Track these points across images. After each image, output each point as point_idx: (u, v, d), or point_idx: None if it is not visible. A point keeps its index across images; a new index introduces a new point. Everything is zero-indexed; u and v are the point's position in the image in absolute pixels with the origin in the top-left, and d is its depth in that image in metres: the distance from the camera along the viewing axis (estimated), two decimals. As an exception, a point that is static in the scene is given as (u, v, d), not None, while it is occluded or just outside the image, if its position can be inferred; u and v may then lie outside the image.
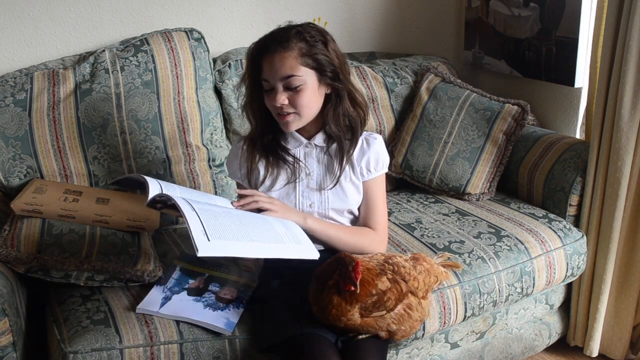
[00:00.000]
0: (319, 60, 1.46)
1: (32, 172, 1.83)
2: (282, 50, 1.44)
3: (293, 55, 1.44)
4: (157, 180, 1.45)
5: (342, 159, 1.54)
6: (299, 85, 1.45)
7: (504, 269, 1.75)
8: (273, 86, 1.46)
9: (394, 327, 1.40)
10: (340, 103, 1.52)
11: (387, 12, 2.55)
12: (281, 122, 1.50)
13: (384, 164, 1.62)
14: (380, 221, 1.61)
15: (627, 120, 1.81)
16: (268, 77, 1.45)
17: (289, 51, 1.44)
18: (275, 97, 1.45)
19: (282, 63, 1.43)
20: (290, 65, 1.43)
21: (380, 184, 1.63)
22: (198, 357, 1.42)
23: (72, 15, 2.05)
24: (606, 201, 1.90)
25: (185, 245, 1.84)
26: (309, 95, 1.47)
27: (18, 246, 1.46)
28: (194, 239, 1.20)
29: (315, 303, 1.37)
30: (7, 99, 1.82)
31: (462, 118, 2.17)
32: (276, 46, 1.44)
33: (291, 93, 1.45)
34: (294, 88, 1.45)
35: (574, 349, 2.11)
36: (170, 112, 1.96)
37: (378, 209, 1.62)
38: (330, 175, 1.57)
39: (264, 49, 1.46)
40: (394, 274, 1.40)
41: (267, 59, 1.45)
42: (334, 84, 1.50)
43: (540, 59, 2.28)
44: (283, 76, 1.44)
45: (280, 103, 1.45)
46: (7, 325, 1.34)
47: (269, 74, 1.45)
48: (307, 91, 1.46)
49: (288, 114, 1.47)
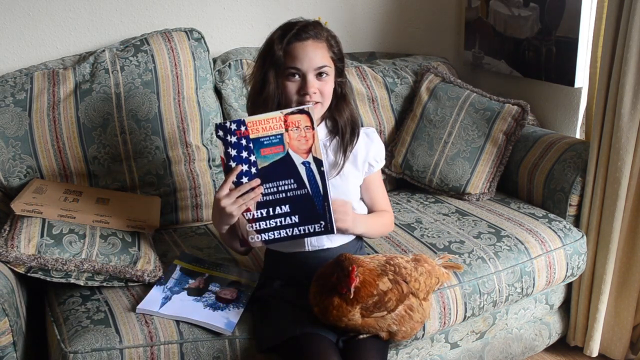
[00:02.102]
0: (338, 55, 1.52)
1: (32, 172, 1.83)
2: (316, 40, 1.46)
3: (325, 47, 1.48)
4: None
5: (346, 150, 1.55)
6: (327, 76, 1.48)
7: (504, 269, 1.75)
8: (304, 74, 1.45)
9: (395, 328, 1.40)
10: (345, 98, 1.56)
11: (387, 12, 2.55)
12: None
13: (383, 154, 1.66)
14: (387, 203, 1.68)
15: (627, 120, 1.81)
16: (300, 65, 1.45)
17: (322, 42, 1.47)
18: (308, 84, 1.45)
19: (316, 52, 1.45)
20: (323, 55, 1.46)
21: (379, 173, 1.68)
22: (198, 357, 1.42)
23: (72, 15, 2.05)
24: (606, 201, 1.90)
25: (185, 245, 1.84)
26: (331, 86, 1.50)
27: (18, 246, 1.46)
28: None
29: (316, 304, 1.37)
30: (7, 99, 1.82)
31: (462, 118, 2.17)
32: (309, 35, 1.46)
33: (320, 83, 1.47)
34: (323, 78, 1.47)
35: (574, 349, 2.11)
36: (170, 112, 1.96)
37: (384, 194, 1.68)
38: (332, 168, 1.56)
39: (294, 37, 1.46)
40: (395, 275, 1.40)
41: (299, 47, 1.45)
42: (341, 79, 1.54)
43: (540, 59, 2.28)
44: (318, 65, 1.45)
45: (314, 90, 1.45)
46: (7, 325, 1.34)
47: (301, 62, 1.45)
48: (330, 82, 1.49)
49: (315, 103, 1.47)
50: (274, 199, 1.42)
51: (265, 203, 1.42)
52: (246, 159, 1.40)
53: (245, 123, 1.39)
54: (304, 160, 1.41)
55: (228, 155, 1.40)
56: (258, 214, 1.43)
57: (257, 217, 1.43)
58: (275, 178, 1.41)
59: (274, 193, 1.42)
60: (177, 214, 1.97)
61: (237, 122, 1.39)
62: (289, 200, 1.42)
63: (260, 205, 1.43)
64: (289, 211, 1.43)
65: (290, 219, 1.43)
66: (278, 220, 1.44)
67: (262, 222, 1.44)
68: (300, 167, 1.41)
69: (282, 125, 1.39)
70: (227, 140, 1.39)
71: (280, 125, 1.39)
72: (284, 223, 1.44)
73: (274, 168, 1.41)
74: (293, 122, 1.39)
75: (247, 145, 1.39)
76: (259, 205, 1.43)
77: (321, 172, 1.42)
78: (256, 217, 1.43)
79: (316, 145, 1.41)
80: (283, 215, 1.43)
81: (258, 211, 1.43)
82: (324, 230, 1.45)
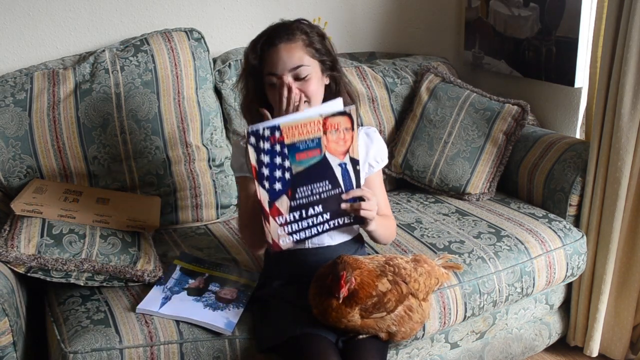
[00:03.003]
0: (320, 50, 1.49)
1: (32, 172, 1.83)
2: (288, 42, 1.45)
3: (299, 46, 1.46)
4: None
5: None
6: (307, 75, 1.46)
7: (504, 269, 1.75)
8: (280, 78, 1.45)
9: (394, 329, 1.40)
10: (339, 92, 1.54)
11: (387, 12, 2.55)
12: None
13: (385, 154, 1.63)
14: (389, 208, 1.65)
15: (627, 120, 1.81)
16: (276, 70, 1.45)
17: (295, 42, 1.46)
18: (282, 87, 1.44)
19: (290, 54, 1.44)
20: (298, 56, 1.45)
21: (380, 175, 1.65)
22: (198, 357, 1.42)
23: (72, 15, 2.05)
24: (606, 201, 1.90)
25: (185, 245, 1.84)
26: (316, 84, 1.48)
27: (18, 246, 1.46)
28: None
29: (315, 305, 1.37)
30: (7, 99, 1.82)
31: (462, 118, 2.17)
32: (281, 39, 1.45)
33: (300, 83, 1.46)
34: (303, 78, 1.46)
35: (574, 349, 2.11)
36: (170, 112, 1.96)
37: (385, 197, 1.65)
38: None
39: (267, 43, 1.46)
40: (395, 276, 1.40)
41: (273, 52, 1.45)
42: (333, 73, 1.53)
43: (540, 59, 2.28)
44: (292, 67, 1.44)
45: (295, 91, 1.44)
46: (7, 325, 1.34)
47: (276, 67, 1.45)
48: (314, 80, 1.48)
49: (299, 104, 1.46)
50: (307, 202, 1.37)
51: (299, 207, 1.36)
52: (280, 165, 1.31)
53: (279, 128, 1.28)
54: (341, 161, 1.36)
55: (260, 163, 1.29)
56: (291, 217, 1.37)
57: (290, 220, 1.37)
58: (309, 182, 1.35)
59: (307, 196, 1.36)
60: (177, 214, 1.97)
61: (271, 128, 1.28)
62: (321, 201, 1.37)
63: (293, 209, 1.36)
64: (321, 211, 1.38)
65: (322, 217, 1.39)
66: (310, 221, 1.39)
67: (294, 225, 1.38)
68: (337, 169, 1.36)
69: (320, 129, 1.31)
70: (260, 147, 1.28)
71: (319, 129, 1.31)
72: (316, 222, 1.39)
73: (308, 172, 1.34)
74: (332, 124, 1.32)
75: (282, 151, 1.30)
76: (292, 209, 1.36)
77: (356, 170, 1.37)
78: (289, 220, 1.37)
79: (354, 146, 1.34)
80: (315, 215, 1.38)
81: (291, 214, 1.36)
82: (353, 222, 1.42)
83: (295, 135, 1.30)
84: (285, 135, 1.29)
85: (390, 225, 1.61)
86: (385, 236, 1.59)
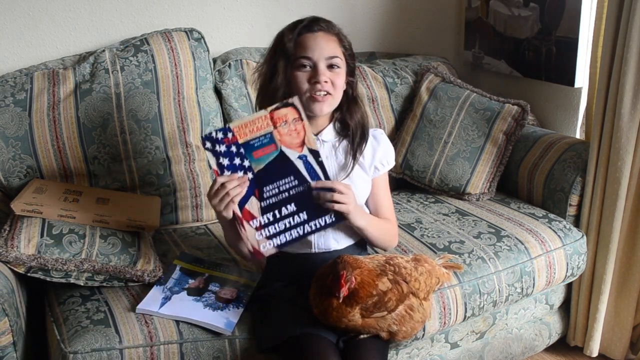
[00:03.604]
0: (349, 51, 1.53)
1: (32, 172, 1.83)
2: (327, 31, 1.49)
3: (336, 39, 1.49)
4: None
5: (356, 152, 1.54)
6: (338, 68, 1.48)
7: (504, 269, 1.75)
8: (315, 64, 1.45)
9: (395, 328, 1.40)
10: (356, 101, 1.56)
11: (387, 12, 2.55)
12: (314, 101, 1.47)
13: (392, 156, 1.63)
14: (392, 213, 1.64)
15: (627, 120, 1.81)
16: (311, 54, 1.45)
17: (333, 35, 1.49)
18: (319, 72, 1.45)
19: (327, 43, 1.47)
20: (334, 47, 1.48)
21: (386, 178, 1.64)
22: (198, 357, 1.42)
23: (72, 15, 2.05)
24: (606, 201, 1.90)
25: (185, 245, 1.84)
26: (342, 79, 1.50)
27: (18, 246, 1.46)
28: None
29: (316, 305, 1.37)
30: (7, 99, 1.82)
31: (462, 118, 2.17)
32: (320, 27, 1.48)
33: (331, 74, 1.47)
34: (334, 70, 1.47)
35: (574, 349, 2.11)
36: (170, 112, 1.96)
37: (389, 202, 1.64)
38: (341, 170, 1.55)
39: (306, 28, 1.48)
40: (395, 275, 1.40)
41: (311, 37, 1.47)
42: (351, 79, 1.54)
43: (540, 59, 2.28)
44: (329, 55, 1.46)
45: (325, 78, 1.45)
46: (7, 325, 1.34)
47: (312, 51, 1.46)
48: (342, 75, 1.49)
49: (325, 94, 1.46)
50: (277, 201, 1.38)
51: (270, 207, 1.38)
52: (240, 165, 1.35)
53: (231, 129, 1.35)
54: (300, 154, 1.37)
55: (221, 166, 1.35)
56: (264, 219, 1.38)
57: (264, 222, 1.38)
58: (274, 179, 1.37)
59: (276, 195, 1.38)
60: (177, 214, 1.97)
61: (222, 130, 1.34)
62: (292, 198, 1.38)
63: (265, 210, 1.38)
64: (296, 209, 1.38)
65: (299, 217, 1.39)
66: (287, 222, 1.39)
67: (271, 227, 1.39)
68: (297, 162, 1.37)
69: (270, 123, 1.35)
70: (217, 151, 1.35)
71: (268, 124, 1.35)
72: (293, 223, 1.39)
73: (270, 169, 1.37)
74: (280, 117, 1.35)
75: (238, 151, 1.35)
76: (263, 211, 1.38)
77: (319, 162, 1.38)
78: (263, 223, 1.38)
79: (308, 136, 1.36)
80: (290, 215, 1.39)
81: (264, 216, 1.38)
82: (335, 220, 1.41)
83: (247, 133, 1.35)
84: (237, 135, 1.34)
85: (388, 228, 1.59)
86: (383, 239, 1.58)
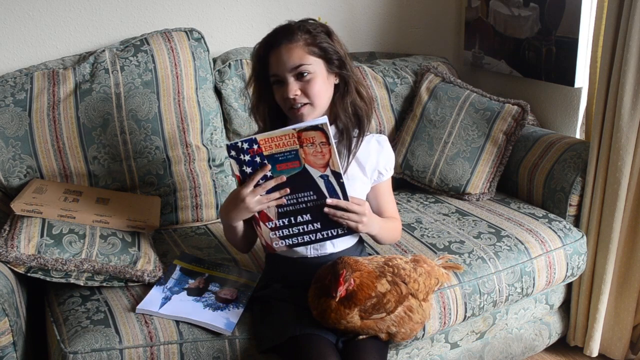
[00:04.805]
0: (325, 48, 1.47)
1: (32, 172, 1.83)
2: (287, 43, 1.45)
3: (299, 46, 1.45)
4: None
5: (350, 150, 1.53)
6: (309, 74, 1.45)
7: (504, 269, 1.75)
8: (283, 79, 1.45)
9: (394, 329, 1.40)
10: (348, 92, 1.52)
11: (387, 12, 2.55)
12: (295, 115, 1.47)
13: (393, 163, 1.63)
14: (396, 211, 1.66)
15: (627, 120, 1.81)
16: (277, 71, 1.45)
17: (295, 42, 1.45)
18: (287, 88, 1.44)
19: (289, 54, 1.44)
20: (298, 55, 1.44)
21: (390, 182, 1.65)
22: (198, 357, 1.42)
23: (72, 15, 2.05)
24: (606, 201, 1.90)
25: (185, 245, 1.84)
26: (320, 84, 1.47)
27: (18, 246, 1.46)
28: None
29: (314, 307, 1.37)
30: (7, 99, 1.82)
31: (462, 118, 2.17)
32: (281, 40, 1.45)
33: (302, 83, 1.45)
34: (305, 78, 1.45)
35: (574, 349, 2.11)
36: (170, 112, 1.96)
37: (394, 205, 1.66)
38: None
39: (269, 45, 1.47)
40: (394, 276, 1.40)
41: (275, 54, 1.45)
42: (342, 72, 1.51)
43: (540, 59, 2.28)
44: (292, 66, 1.44)
45: (293, 94, 1.44)
46: (7, 325, 1.34)
47: (277, 68, 1.45)
48: (317, 80, 1.46)
49: (302, 105, 1.45)
50: (294, 209, 1.41)
51: (286, 213, 1.41)
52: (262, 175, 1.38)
53: (257, 141, 1.34)
54: (322, 174, 1.38)
55: (244, 173, 1.38)
56: (280, 222, 1.43)
57: (279, 225, 1.43)
58: (294, 191, 1.39)
59: (293, 204, 1.41)
60: (177, 214, 1.97)
61: (248, 141, 1.35)
62: (309, 209, 1.41)
63: (281, 215, 1.42)
64: (310, 219, 1.42)
65: (313, 226, 1.43)
66: (300, 228, 1.43)
67: (285, 230, 1.44)
68: (319, 180, 1.39)
69: (296, 142, 1.35)
70: (241, 159, 1.36)
71: (295, 142, 1.35)
72: (307, 230, 1.43)
73: (292, 181, 1.39)
74: (307, 138, 1.35)
75: (262, 162, 1.37)
76: (280, 215, 1.42)
77: (340, 183, 1.39)
78: (278, 225, 1.43)
79: (334, 160, 1.36)
80: (304, 223, 1.43)
81: (280, 220, 1.42)
82: (347, 232, 1.45)
83: (273, 147, 1.36)
84: (263, 147, 1.36)
85: (394, 227, 1.62)
86: (389, 238, 1.62)
